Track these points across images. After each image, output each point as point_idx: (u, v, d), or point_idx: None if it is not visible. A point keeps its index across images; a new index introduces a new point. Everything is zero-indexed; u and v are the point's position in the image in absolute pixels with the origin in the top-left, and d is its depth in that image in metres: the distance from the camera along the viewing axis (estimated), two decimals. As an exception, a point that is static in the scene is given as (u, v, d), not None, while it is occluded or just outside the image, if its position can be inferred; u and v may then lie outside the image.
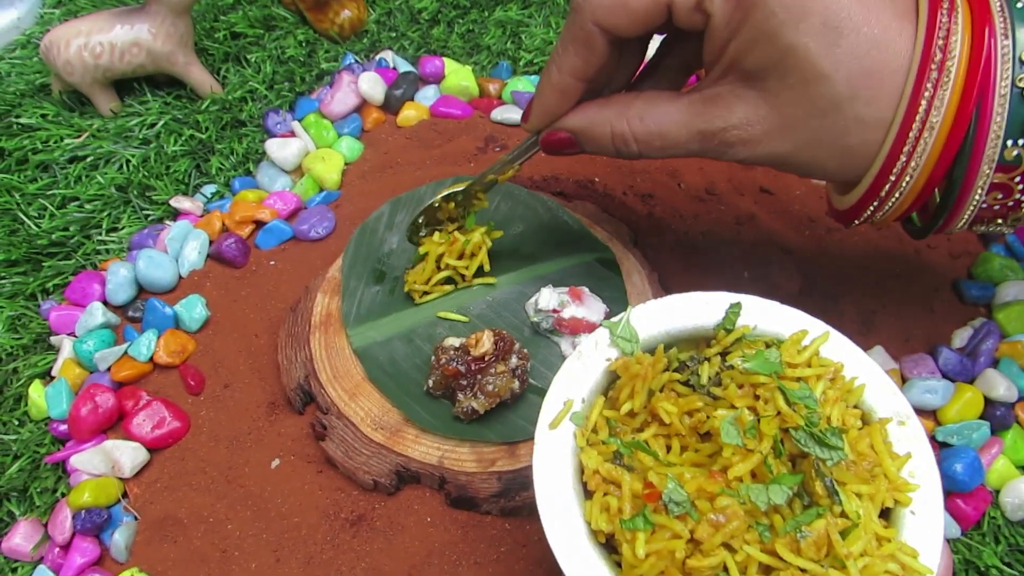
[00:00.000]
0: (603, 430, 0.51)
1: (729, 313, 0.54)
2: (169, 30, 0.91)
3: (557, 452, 0.50)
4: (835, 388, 0.50)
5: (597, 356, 0.54)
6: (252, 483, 0.68)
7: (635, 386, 0.51)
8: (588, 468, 0.48)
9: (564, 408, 0.51)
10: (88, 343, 0.73)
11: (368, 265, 0.76)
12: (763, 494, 0.44)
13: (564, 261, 0.77)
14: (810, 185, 0.89)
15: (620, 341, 0.54)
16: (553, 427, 0.51)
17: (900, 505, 0.47)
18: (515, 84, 0.98)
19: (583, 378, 0.53)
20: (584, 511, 0.47)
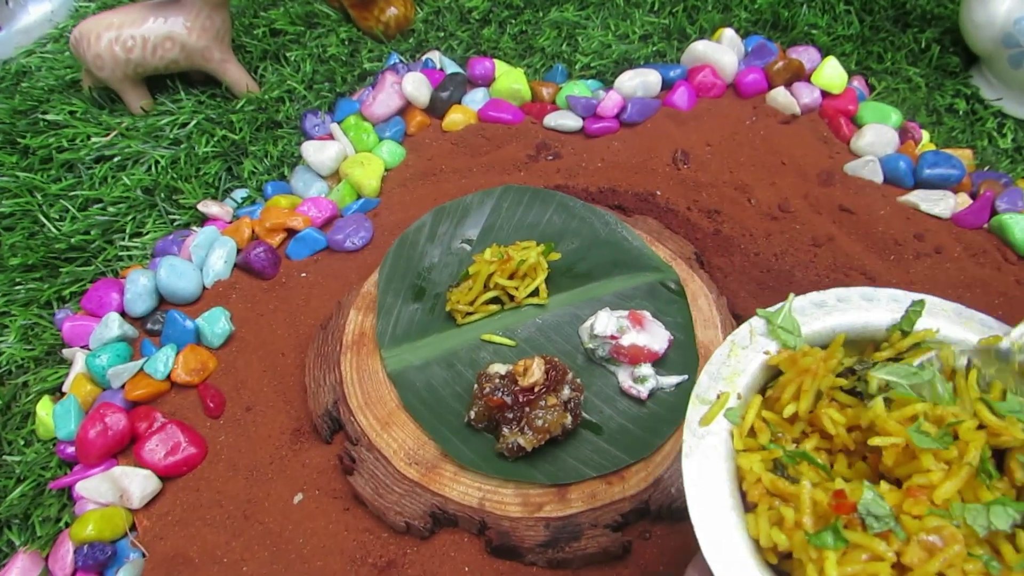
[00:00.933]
0: (763, 433, 0.43)
1: (910, 312, 0.47)
2: (205, 24, 0.86)
3: (710, 453, 0.42)
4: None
5: (753, 347, 0.46)
6: (272, 520, 0.61)
7: (803, 384, 0.43)
8: (750, 475, 0.41)
9: (718, 402, 0.44)
10: (102, 357, 0.67)
11: (407, 280, 0.70)
12: (982, 516, 0.37)
13: (623, 282, 0.70)
14: (896, 205, 0.80)
15: (781, 332, 0.47)
16: (706, 423, 0.43)
17: None
18: (570, 88, 0.91)
19: (737, 370, 0.45)
20: (747, 525, 0.40)
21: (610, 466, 0.59)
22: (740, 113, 0.88)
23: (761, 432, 0.43)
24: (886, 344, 0.47)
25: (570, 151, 0.86)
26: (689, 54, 0.93)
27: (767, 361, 0.46)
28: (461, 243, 0.72)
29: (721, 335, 0.67)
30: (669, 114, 0.88)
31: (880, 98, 0.93)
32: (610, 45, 0.97)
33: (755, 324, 0.47)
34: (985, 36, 0.90)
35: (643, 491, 0.59)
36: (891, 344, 0.46)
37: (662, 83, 0.91)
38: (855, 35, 0.98)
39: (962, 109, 0.92)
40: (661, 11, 1.01)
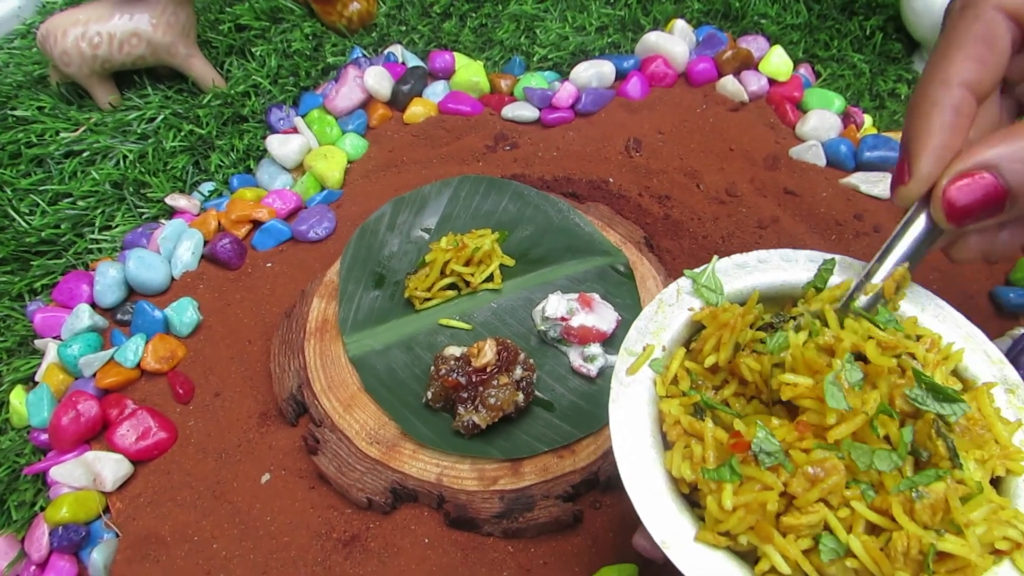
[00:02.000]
0: (684, 380, 0.47)
1: (822, 270, 0.50)
2: (170, 20, 0.87)
3: (635, 399, 0.46)
4: (931, 354, 0.46)
5: (679, 304, 0.50)
6: (240, 499, 0.64)
7: (723, 336, 0.47)
8: (669, 417, 0.45)
9: (644, 354, 0.48)
10: (73, 347, 0.69)
11: (367, 268, 0.72)
12: (867, 456, 0.40)
13: (574, 266, 0.73)
14: (837, 187, 0.84)
15: (704, 291, 0.50)
16: (632, 372, 0.47)
17: (1012, 474, 0.43)
18: (528, 80, 0.94)
19: (665, 325, 0.49)
20: (664, 460, 0.44)
21: (561, 441, 0.63)
22: (691, 101, 0.92)
23: (683, 380, 0.47)
24: (802, 300, 0.50)
25: (527, 141, 0.88)
26: (642, 45, 0.96)
27: (691, 317, 0.50)
28: (420, 232, 0.75)
29: (668, 315, 0.70)
30: (622, 104, 0.91)
31: (826, 84, 0.96)
32: (567, 37, 1.00)
33: (682, 283, 0.51)
34: (924, 23, 0.93)
35: (593, 463, 0.62)
36: (806, 300, 0.50)
37: (616, 73, 0.94)
38: (803, 23, 1.02)
39: (904, 93, 0.96)
40: (616, 3, 1.04)
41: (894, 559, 0.38)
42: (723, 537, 0.41)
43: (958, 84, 0.44)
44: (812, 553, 0.39)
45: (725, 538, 0.41)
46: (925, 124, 0.44)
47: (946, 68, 0.44)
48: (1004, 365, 0.47)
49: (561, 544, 0.61)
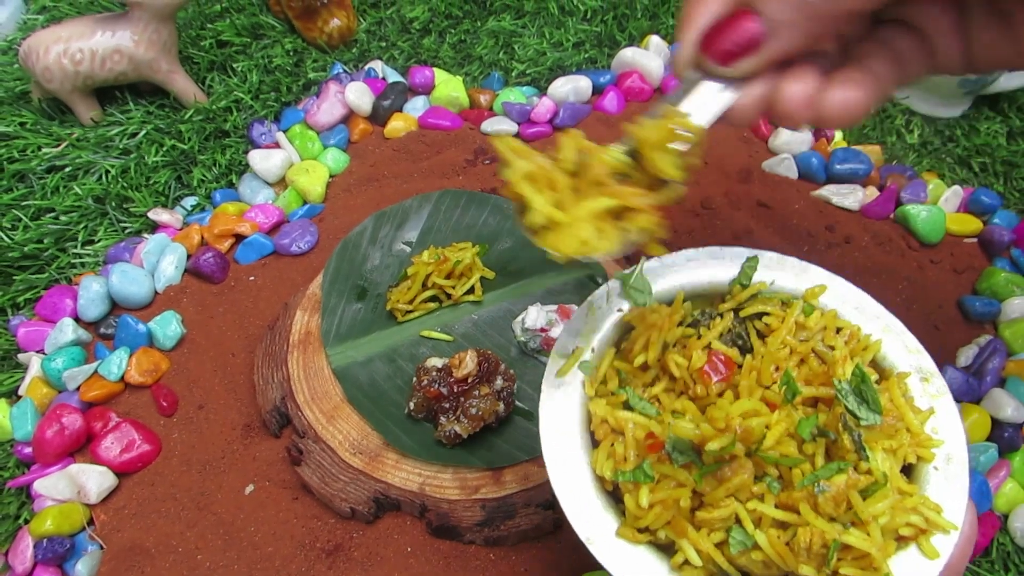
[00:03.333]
0: (613, 381, 0.49)
1: (745, 268, 0.52)
2: (152, 37, 0.88)
3: (564, 400, 0.48)
4: (848, 346, 0.48)
5: (608, 307, 0.51)
6: (224, 510, 0.65)
7: (650, 337, 0.48)
8: (596, 416, 0.46)
9: (573, 356, 0.49)
10: (57, 361, 0.70)
11: (350, 281, 0.74)
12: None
13: (553, 278, 0.75)
14: (809, 199, 0.86)
15: (633, 292, 0.51)
16: (561, 375, 0.49)
17: (923, 461, 0.45)
18: (507, 95, 0.95)
19: (594, 328, 0.51)
20: (591, 459, 0.46)
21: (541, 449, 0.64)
22: (666, 116, 0.93)
23: (611, 380, 0.49)
24: (729, 296, 0.52)
25: (506, 155, 0.90)
26: (618, 60, 0.98)
27: (621, 318, 0.51)
28: (401, 245, 0.76)
29: (645, 325, 0.72)
30: (599, 118, 0.93)
31: (798, 99, 0.98)
32: (545, 53, 1.01)
33: (612, 286, 0.52)
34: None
35: (572, 471, 0.64)
36: (733, 296, 0.52)
37: (593, 88, 0.96)
38: (775, 40, 1.04)
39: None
40: (593, 19, 1.06)
41: (798, 553, 0.40)
42: (642, 533, 0.43)
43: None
44: (725, 545, 0.41)
45: (644, 534, 0.43)
46: (689, 7, 0.46)
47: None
48: (920, 354, 0.49)
49: (542, 551, 0.63)
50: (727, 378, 0.46)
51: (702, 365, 0.46)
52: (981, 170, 0.93)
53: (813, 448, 0.43)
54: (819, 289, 0.51)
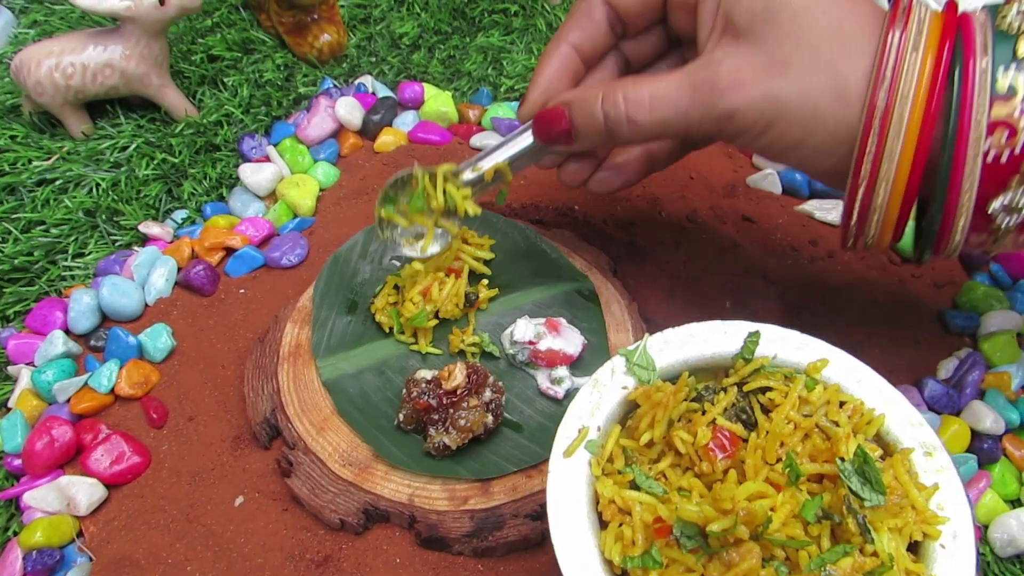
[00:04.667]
0: (619, 459, 0.49)
1: (748, 342, 0.53)
2: (143, 52, 0.89)
3: (571, 480, 0.48)
4: (852, 421, 0.48)
5: (613, 384, 0.52)
6: (214, 522, 0.65)
7: (656, 415, 0.49)
8: (604, 497, 0.47)
9: (579, 436, 0.50)
10: (47, 373, 0.70)
11: (340, 295, 0.74)
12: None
13: (541, 291, 0.75)
14: (793, 213, 0.87)
15: (637, 369, 0.53)
16: (568, 455, 0.49)
17: (929, 539, 0.45)
18: (495, 110, 0.96)
19: (599, 406, 0.52)
20: (599, 541, 0.46)
21: (530, 461, 0.65)
22: (653, 132, 0.95)
23: (617, 458, 0.50)
24: (732, 371, 0.53)
25: (495, 169, 0.91)
26: (606, 77, 0.99)
27: (626, 396, 0.52)
28: (391, 260, 0.77)
29: (632, 338, 0.73)
30: (587, 133, 0.95)
31: (782, 116, 1.00)
32: (533, 68, 1.03)
33: (616, 363, 0.54)
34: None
35: (560, 482, 0.64)
36: (736, 371, 0.53)
37: (581, 104, 0.97)
38: (760, 57, 1.06)
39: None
40: (581, 36, 1.07)
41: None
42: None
43: (564, 42, 0.63)
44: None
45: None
46: (540, 65, 0.63)
47: (560, 31, 0.63)
48: (923, 428, 0.50)
49: (530, 562, 0.63)
50: (732, 454, 0.47)
51: (707, 442, 0.47)
52: (961, 186, 0.94)
53: (819, 530, 0.43)
54: (821, 363, 0.52)
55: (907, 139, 0.51)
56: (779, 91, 0.53)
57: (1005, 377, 0.74)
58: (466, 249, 0.74)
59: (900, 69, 0.51)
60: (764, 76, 0.53)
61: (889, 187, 0.53)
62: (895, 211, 0.54)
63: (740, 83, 0.53)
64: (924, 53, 0.51)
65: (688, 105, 0.55)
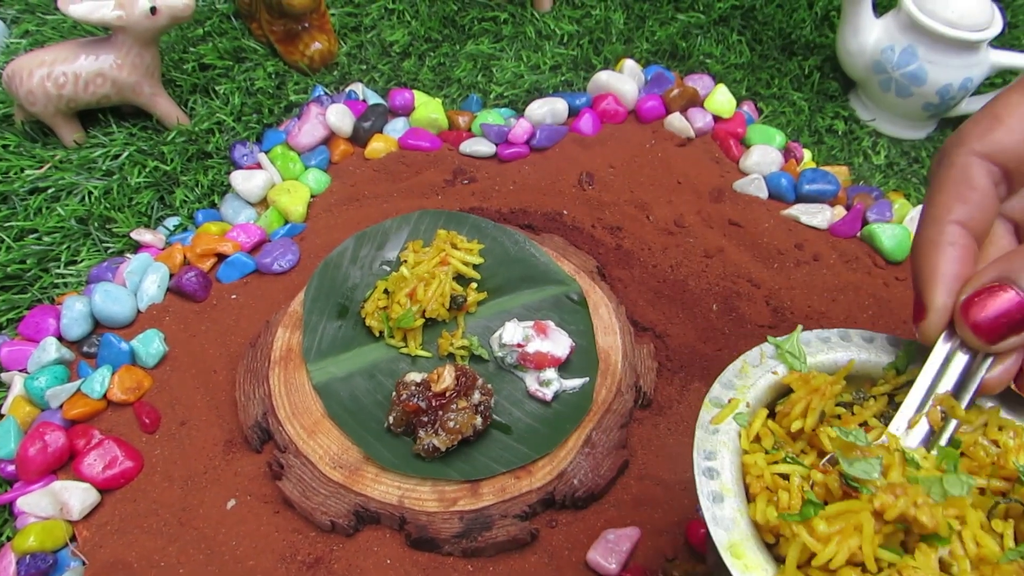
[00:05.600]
0: (767, 439, 0.48)
1: (901, 353, 0.51)
2: (135, 61, 0.90)
3: (720, 447, 0.47)
4: (1019, 438, 0.46)
5: (763, 367, 0.51)
6: (206, 525, 0.65)
7: (811, 402, 0.47)
8: (754, 468, 0.46)
9: (729, 406, 0.49)
10: (40, 380, 0.71)
11: (331, 300, 0.75)
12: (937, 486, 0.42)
13: (530, 295, 0.76)
14: (779, 218, 0.88)
15: (788, 357, 0.51)
16: (717, 422, 0.48)
17: None
18: (484, 117, 0.97)
19: (749, 384, 0.50)
20: (748, 509, 0.45)
21: (518, 462, 0.65)
22: (640, 137, 0.96)
23: (765, 438, 0.48)
24: (882, 380, 0.51)
25: (484, 175, 0.92)
26: (594, 83, 1.00)
27: (780, 380, 0.51)
28: (381, 265, 0.78)
29: (620, 341, 0.74)
30: (575, 139, 0.96)
31: (767, 121, 1.01)
32: (522, 75, 1.04)
33: (765, 348, 0.52)
34: (858, 63, 0.99)
35: (549, 483, 0.65)
36: (886, 380, 0.51)
37: (569, 110, 0.98)
38: (746, 63, 1.07)
39: (841, 129, 1.01)
40: (569, 43, 1.08)
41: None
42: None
43: (949, 221, 0.46)
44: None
45: None
46: (929, 261, 0.46)
47: (935, 211, 0.47)
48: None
49: (519, 562, 0.64)
50: None
51: None
52: (945, 189, 0.95)
53: (1002, 527, 0.42)
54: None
55: None
56: None
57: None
58: (455, 254, 0.75)
59: None
60: None
61: None
62: None
63: None
64: None
65: None
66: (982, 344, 0.44)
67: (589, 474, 0.66)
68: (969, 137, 0.47)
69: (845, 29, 0.99)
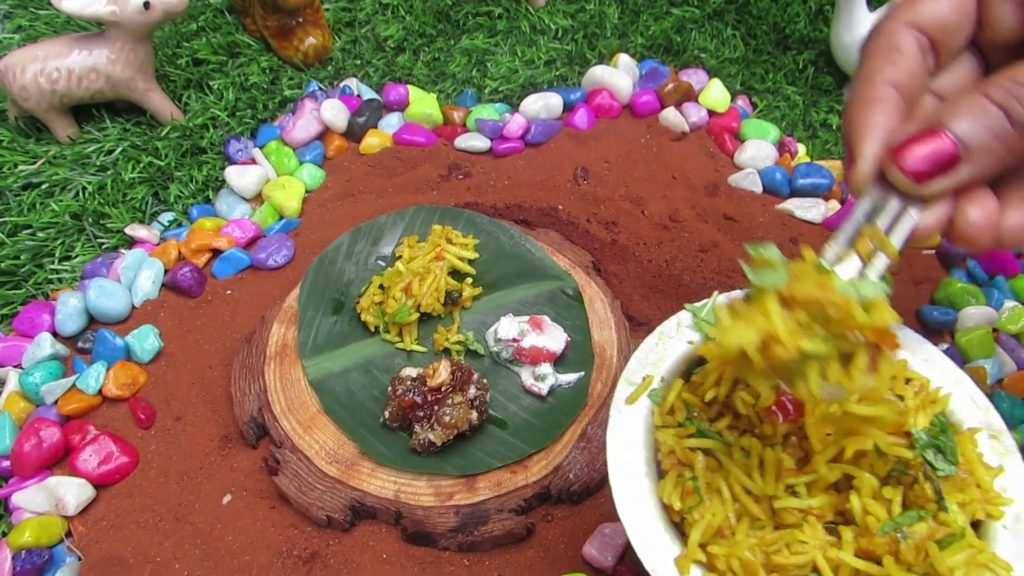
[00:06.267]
0: (680, 411, 0.49)
1: None
2: (129, 56, 0.89)
3: (632, 427, 0.48)
4: (919, 397, 0.48)
5: (679, 337, 0.52)
6: (202, 520, 0.65)
7: (724, 373, 0.48)
8: (664, 447, 0.47)
9: (642, 384, 0.50)
10: (35, 375, 0.71)
11: (326, 295, 0.75)
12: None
13: (526, 290, 0.76)
14: (773, 212, 0.89)
15: (704, 325, 0.52)
16: (631, 402, 0.49)
17: (992, 519, 0.45)
18: (479, 112, 0.97)
19: (663, 357, 0.51)
20: (656, 488, 0.46)
21: (514, 456, 0.66)
22: (635, 132, 0.96)
23: (679, 411, 0.49)
24: None
25: (479, 170, 0.92)
26: (588, 78, 1.00)
27: (694, 350, 0.52)
28: (376, 260, 0.78)
29: (615, 335, 0.74)
30: (570, 134, 0.96)
31: (762, 115, 1.01)
32: (517, 70, 1.04)
33: (682, 317, 0.53)
34: (853, 58, 0.99)
35: (544, 478, 0.65)
36: None
37: (563, 105, 0.98)
38: (740, 58, 1.07)
39: (835, 123, 1.01)
40: (564, 38, 1.08)
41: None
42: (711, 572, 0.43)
43: (879, 81, 0.48)
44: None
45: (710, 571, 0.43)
46: (860, 115, 0.47)
47: (865, 73, 0.49)
48: (989, 411, 0.49)
49: (514, 556, 0.64)
50: (795, 419, 0.46)
51: (770, 404, 0.46)
52: (938, 183, 0.96)
53: (892, 494, 0.43)
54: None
55: None
56: None
57: (981, 371, 0.75)
58: (450, 249, 0.75)
59: None
60: None
61: None
62: None
63: None
64: None
65: None
66: (912, 185, 0.44)
67: (585, 468, 0.66)
68: (898, 9, 0.49)
69: (839, 23, 0.99)
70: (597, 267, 0.81)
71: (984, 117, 0.43)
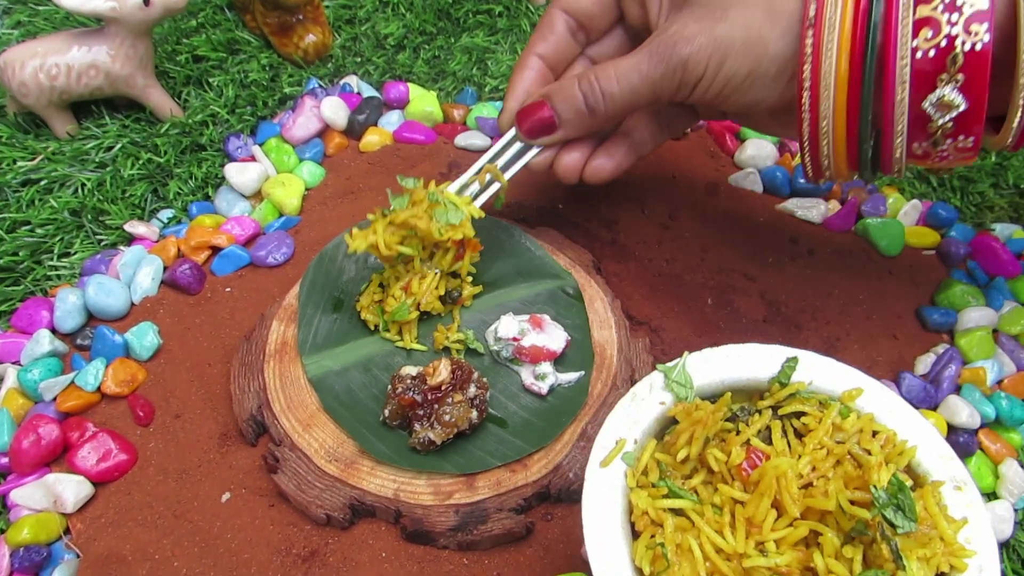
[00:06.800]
0: (654, 472, 0.51)
1: (785, 367, 0.54)
2: (128, 52, 0.89)
3: (607, 490, 0.50)
4: (884, 451, 0.49)
5: (651, 399, 0.54)
6: (201, 518, 0.65)
7: (695, 432, 0.50)
8: (638, 508, 0.48)
9: (616, 447, 0.51)
10: (33, 372, 0.70)
11: (326, 293, 0.75)
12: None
13: (526, 289, 0.76)
14: (774, 212, 0.89)
15: (675, 386, 0.54)
16: (604, 465, 0.51)
17: (955, 571, 0.46)
18: (480, 110, 0.97)
19: (637, 419, 0.53)
20: (631, 550, 0.47)
21: (514, 455, 0.65)
22: (636, 131, 0.96)
23: (652, 471, 0.51)
24: (768, 394, 0.54)
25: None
26: (589, 77, 1.00)
27: (665, 412, 0.53)
28: (376, 259, 0.78)
29: (615, 335, 0.74)
30: (571, 133, 0.95)
31: (763, 116, 1.01)
32: (517, 69, 1.03)
33: (654, 379, 0.55)
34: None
35: (544, 477, 0.65)
36: (771, 394, 0.54)
37: (564, 104, 0.98)
38: (741, 58, 1.07)
39: (835, 125, 1.01)
40: (565, 36, 1.08)
41: None
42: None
43: (532, 54, 0.69)
44: None
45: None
46: (513, 79, 0.70)
47: (528, 46, 0.70)
48: (954, 461, 0.50)
49: (514, 555, 0.64)
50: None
51: (740, 462, 0.48)
52: (939, 184, 0.96)
53: (852, 553, 0.44)
54: (856, 392, 0.53)
55: (840, 46, 0.54)
56: (722, 31, 0.58)
57: (981, 372, 0.75)
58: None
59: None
60: (708, 24, 0.59)
61: (832, 103, 0.56)
62: (842, 129, 0.57)
63: (688, 36, 0.59)
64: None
65: (648, 67, 0.61)
66: (527, 139, 0.69)
67: (584, 468, 0.66)
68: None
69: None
70: (597, 266, 0.81)
71: (572, 100, 0.64)
